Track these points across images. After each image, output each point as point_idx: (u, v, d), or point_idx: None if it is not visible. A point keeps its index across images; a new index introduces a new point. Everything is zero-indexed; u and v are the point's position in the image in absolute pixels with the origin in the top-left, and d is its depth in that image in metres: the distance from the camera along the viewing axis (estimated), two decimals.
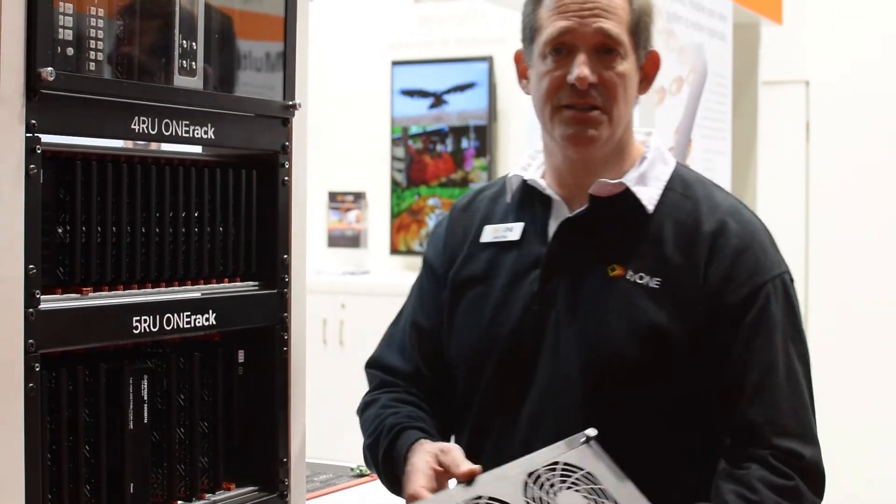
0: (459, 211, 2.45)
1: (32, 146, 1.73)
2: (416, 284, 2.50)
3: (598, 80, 2.17)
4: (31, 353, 1.73)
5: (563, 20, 2.17)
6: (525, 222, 2.31)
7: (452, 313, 2.34)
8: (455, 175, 7.39)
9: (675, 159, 2.34)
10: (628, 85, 2.20)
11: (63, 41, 1.76)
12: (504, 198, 2.37)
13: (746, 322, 2.15)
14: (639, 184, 2.24)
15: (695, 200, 2.24)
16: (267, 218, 2.18)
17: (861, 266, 6.94)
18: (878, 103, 6.97)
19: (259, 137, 2.15)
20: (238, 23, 2.11)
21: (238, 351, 2.16)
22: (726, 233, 2.19)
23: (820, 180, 7.17)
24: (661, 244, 2.20)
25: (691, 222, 2.21)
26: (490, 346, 2.27)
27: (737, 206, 2.27)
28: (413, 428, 2.25)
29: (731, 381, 2.16)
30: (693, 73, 5.15)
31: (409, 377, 2.40)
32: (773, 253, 2.23)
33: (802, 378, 2.18)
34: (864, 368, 6.84)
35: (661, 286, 2.16)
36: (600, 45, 2.17)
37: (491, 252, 2.32)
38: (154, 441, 2.00)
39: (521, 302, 2.25)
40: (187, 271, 2.04)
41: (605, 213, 2.24)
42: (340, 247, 7.85)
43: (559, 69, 2.19)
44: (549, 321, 2.22)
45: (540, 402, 2.21)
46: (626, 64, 2.19)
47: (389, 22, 7.75)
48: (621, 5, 2.19)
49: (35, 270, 1.74)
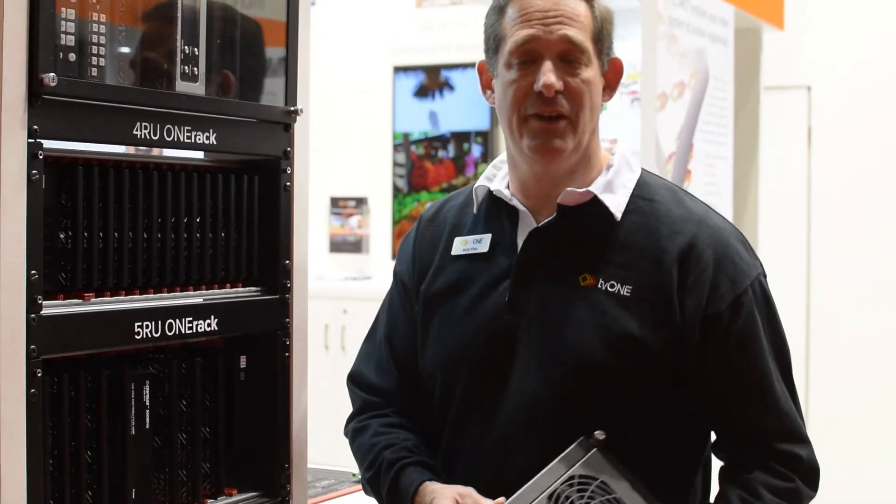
0: (427, 222, 2.45)
1: (34, 151, 1.73)
2: (387, 298, 2.49)
3: (564, 87, 2.16)
4: (33, 359, 1.73)
5: (527, 28, 2.17)
6: (493, 233, 2.31)
7: (426, 326, 2.34)
8: (456, 181, 7.39)
9: (640, 165, 2.34)
10: (593, 92, 2.20)
11: (65, 47, 1.77)
12: (472, 208, 2.37)
13: (734, 329, 2.16)
14: (606, 191, 2.23)
15: (664, 207, 2.24)
16: (269, 223, 2.19)
17: (863, 271, 6.94)
18: (879, 108, 6.97)
19: (261, 143, 2.15)
20: (241, 28, 2.11)
21: (240, 356, 2.16)
22: (700, 244, 2.18)
23: (822, 185, 7.16)
24: (631, 252, 2.19)
25: (662, 230, 2.21)
26: (463, 355, 2.26)
27: (706, 211, 2.27)
28: (413, 464, 2.26)
29: (727, 387, 2.18)
30: (695, 79, 5.15)
31: (389, 395, 2.41)
32: (747, 256, 2.24)
33: (783, 378, 2.22)
34: (865, 371, 6.83)
35: (632, 294, 2.16)
36: (565, 53, 2.17)
37: (461, 264, 2.32)
38: (156, 446, 2.00)
39: (491, 311, 2.24)
40: (189, 277, 2.05)
41: (573, 222, 2.23)
42: (342, 252, 7.85)
43: (525, 78, 2.18)
44: (520, 330, 2.21)
45: (514, 411, 2.20)
46: (591, 71, 2.19)
47: (391, 27, 7.75)
48: (584, 13, 2.19)
49: (37, 276, 1.74)
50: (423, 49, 7.61)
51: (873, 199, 6.95)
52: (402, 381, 2.40)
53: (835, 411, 6.74)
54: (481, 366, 2.24)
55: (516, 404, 2.20)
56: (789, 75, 7.14)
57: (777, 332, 2.24)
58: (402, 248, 2.47)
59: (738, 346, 2.17)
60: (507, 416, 2.20)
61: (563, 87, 2.16)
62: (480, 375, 2.24)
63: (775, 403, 2.18)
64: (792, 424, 2.19)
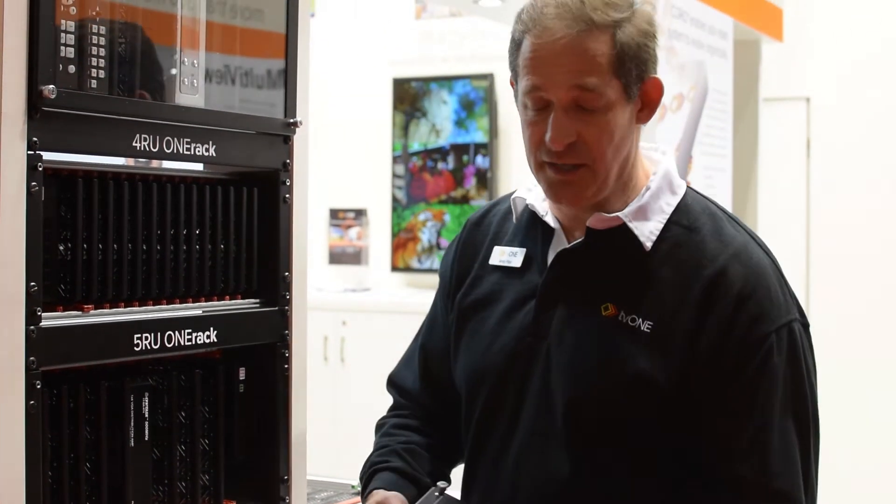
0: (473, 226, 2.37)
1: (34, 163, 1.73)
2: (434, 298, 2.45)
3: (578, 136, 2.02)
4: (33, 371, 1.73)
5: (535, 76, 2.02)
6: (527, 248, 2.23)
7: (458, 336, 2.29)
8: (455, 193, 7.39)
9: (686, 184, 2.22)
10: (615, 132, 2.03)
11: (65, 59, 1.77)
12: (513, 217, 2.28)
13: (745, 374, 2.02)
14: (638, 218, 2.10)
15: (700, 237, 2.10)
16: (268, 235, 2.19)
17: (863, 282, 6.94)
18: (878, 120, 6.98)
19: (260, 155, 2.15)
20: (239, 40, 2.12)
21: (239, 368, 2.16)
22: (728, 278, 2.04)
23: (821, 197, 7.17)
24: (658, 284, 2.07)
25: (692, 263, 2.07)
26: (485, 372, 2.21)
27: (746, 243, 2.11)
28: (384, 470, 2.24)
29: (725, 432, 2.04)
30: (694, 91, 5.16)
31: (416, 398, 2.40)
32: (780, 299, 2.07)
33: (795, 437, 2.05)
34: (863, 385, 6.83)
35: (653, 330, 2.04)
36: (576, 101, 2.01)
37: (495, 276, 2.26)
38: (155, 458, 2.00)
39: (516, 331, 2.18)
40: (188, 289, 2.05)
41: (601, 247, 2.12)
42: (341, 264, 7.85)
43: (538, 124, 2.05)
44: (540, 354, 2.14)
45: (528, 437, 2.15)
46: (611, 112, 2.02)
47: (390, 39, 7.76)
48: (600, 49, 2.00)
49: (36, 288, 1.74)
50: (423, 61, 7.62)
51: (872, 210, 6.96)
52: (427, 388, 2.38)
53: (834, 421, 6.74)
54: (501, 385, 2.19)
55: (529, 428, 2.15)
56: (788, 87, 7.16)
57: (798, 387, 2.06)
58: (448, 250, 2.41)
59: (742, 395, 2.02)
60: (521, 439, 2.16)
61: (575, 138, 2.02)
62: (499, 395, 2.19)
63: (770, 461, 2.01)
64: (786, 487, 2.02)
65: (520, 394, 2.16)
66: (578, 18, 2.00)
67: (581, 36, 2.00)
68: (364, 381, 2.43)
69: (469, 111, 7.39)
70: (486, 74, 7.30)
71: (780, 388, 2.03)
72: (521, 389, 2.16)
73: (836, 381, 6.91)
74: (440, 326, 2.38)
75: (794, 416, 2.05)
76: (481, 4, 5.51)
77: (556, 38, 2.00)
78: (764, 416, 2.02)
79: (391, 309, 6.73)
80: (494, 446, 2.20)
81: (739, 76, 5.91)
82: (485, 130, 7.32)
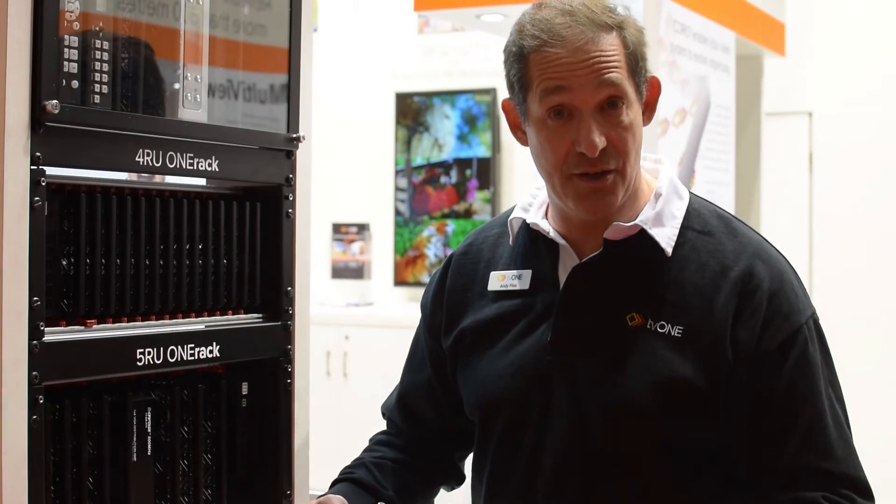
0: (459, 256, 2.33)
1: (37, 178, 1.74)
2: (416, 331, 2.42)
3: (608, 140, 2.00)
4: (35, 385, 1.73)
5: (558, 81, 2.00)
6: (533, 269, 2.19)
7: (463, 367, 2.25)
8: (458, 207, 7.40)
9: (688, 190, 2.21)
10: (637, 132, 2.04)
11: (68, 74, 1.77)
12: (508, 239, 2.25)
13: (787, 367, 2.02)
14: (655, 224, 2.09)
15: (716, 239, 2.11)
16: (271, 250, 2.19)
17: (865, 296, 6.94)
18: (880, 134, 6.98)
19: (263, 170, 2.15)
20: (242, 55, 2.12)
21: (242, 383, 2.16)
22: (756, 277, 2.05)
23: (823, 211, 7.17)
24: (682, 289, 2.06)
25: (715, 265, 2.07)
26: (502, 398, 2.16)
27: (762, 243, 2.14)
28: (347, 480, 2.26)
29: (776, 426, 2.03)
30: (696, 105, 5.16)
31: (396, 424, 2.42)
32: (801, 293, 2.11)
33: (844, 421, 2.08)
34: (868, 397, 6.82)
35: (684, 334, 2.03)
36: (604, 102, 2.00)
37: (500, 301, 2.21)
38: (157, 473, 1.99)
39: (532, 352, 2.13)
40: (191, 303, 2.05)
41: (619, 257, 2.10)
42: (344, 278, 7.85)
43: (563, 135, 2.01)
44: (564, 374, 2.10)
45: (561, 457, 2.09)
46: (632, 111, 2.03)
47: (393, 53, 7.77)
48: (616, 46, 2.01)
49: (39, 302, 1.74)
50: (425, 75, 7.63)
51: (874, 224, 6.96)
52: (406, 417, 2.39)
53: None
54: (521, 409, 2.14)
55: (557, 449, 2.10)
56: (790, 101, 7.16)
57: (833, 374, 2.10)
58: (430, 283, 2.37)
59: (790, 385, 2.02)
60: (551, 458, 2.10)
61: (606, 142, 2.00)
62: (520, 419, 2.14)
63: (831, 446, 2.02)
64: (852, 472, 2.03)
65: (543, 417, 2.11)
66: (590, 23, 2.01)
67: (598, 39, 2.00)
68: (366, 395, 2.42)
69: (471, 125, 7.40)
70: (489, 89, 7.31)
71: (822, 376, 2.05)
72: (543, 412, 2.11)
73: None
74: (419, 361, 2.38)
75: (838, 402, 2.08)
76: (484, 19, 5.52)
77: (578, 44, 1.99)
78: (815, 405, 2.03)
79: (394, 323, 6.73)
80: (520, 468, 2.15)
81: (742, 91, 5.92)
82: (487, 145, 7.33)
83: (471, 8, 5.36)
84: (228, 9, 2.08)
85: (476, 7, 5.34)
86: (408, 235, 7.54)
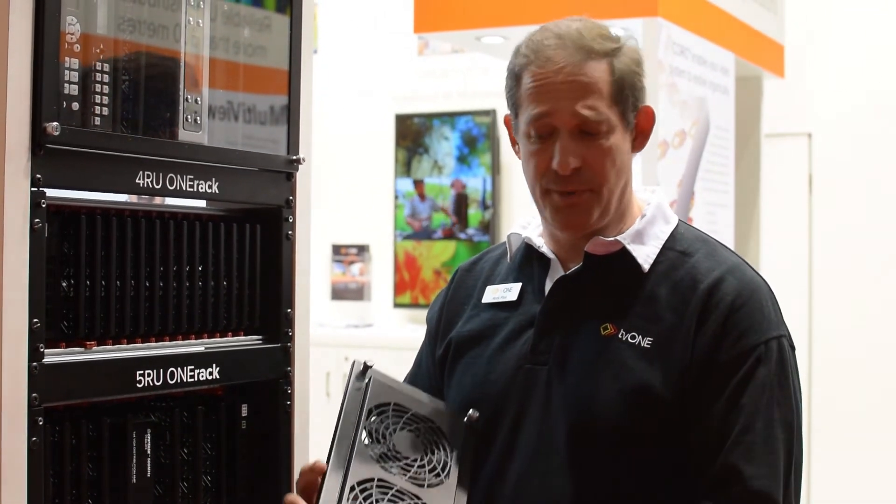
0: (463, 272, 2.43)
1: (37, 200, 1.74)
2: (420, 347, 2.47)
3: (583, 162, 2.08)
4: (35, 407, 1.73)
5: (540, 104, 2.09)
6: (523, 282, 2.28)
7: (451, 372, 2.32)
8: (457, 228, 7.40)
9: (678, 217, 2.28)
10: (617, 157, 2.11)
11: (68, 96, 1.78)
12: (507, 258, 2.34)
13: (733, 382, 2.05)
14: (635, 242, 2.17)
15: (694, 259, 2.16)
16: (270, 272, 2.19)
17: (865, 317, 6.94)
18: (879, 155, 7.00)
19: (263, 192, 2.16)
20: (242, 77, 2.12)
21: (241, 405, 2.16)
22: (722, 288, 2.10)
23: (823, 232, 7.18)
24: (655, 303, 2.13)
25: (688, 280, 2.13)
26: (481, 402, 2.22)
27: (740, 264, 2.18)
28: None
29: (711, 435, 2.04)
30: (695, 127, 5.17)
31: None
32: (771, 314, 2.13)
33: (782, 445, 2.06)
34: (867, 421, 6.82)
35: (653, 346, 2.09)
36: (581, 126, 2.08)
37: (490, 312, 2.30)
38: (157, 495, 1.99)
39: (514, 360, 2.21)
40: (191, 325, 2.05)
41: (600, 272, 2.18)
42: (344, 299, 7.85)
43: (543, 152, 2.11)
44: (540, 379, 2.17)
45: (528, 460, 2.16)
46: (613, 137, 2.10)
47: (393, 75, 7.79)
48: (601, 77, 2.08)
49: (39, 324, 1.74)
50: (425, 97, 7.65)
51: (874, 245, 6.97)
52: None
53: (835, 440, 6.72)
54: (496, 413, 2.21)
55: (528, 455, 2.16)
56: (790, 123, 7.18)
57: (785, 398, 2.08)
58: (436, 297, 2.45)
59: (731, 398, 2.04)
60: (518, 465, 2.16)
61: (580, 163, 2.08)
62: (494, 422, 2.21)
63: (752, 456, 2.02)
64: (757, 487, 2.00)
65: (517, 420, 2.18)
66: (579, 48, 2.09)
67: (583, 64, 2.09)
68: None
69: (471, 147, 7.41)
70: (489, 111, 7.32)
71: (767, 394, 2.06)
72: (518, 415, 2.18)
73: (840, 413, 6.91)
74: (422, 377, 2.40)
75: (781, 422, 2.07)
76: (483, 41, 5.53)
77: (560, 66, 2.09)
78: (748, 418, 2.04)
79: (393, 345, 6.73)
80: (488, 474, 2.20)
81: (741, 112, 5.93)
82: (487, 166, 7.34)
83: (471, 30, 5.38)
84: (229, 31, 2.09)
85: (476, 29, 5.35)
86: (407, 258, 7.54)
